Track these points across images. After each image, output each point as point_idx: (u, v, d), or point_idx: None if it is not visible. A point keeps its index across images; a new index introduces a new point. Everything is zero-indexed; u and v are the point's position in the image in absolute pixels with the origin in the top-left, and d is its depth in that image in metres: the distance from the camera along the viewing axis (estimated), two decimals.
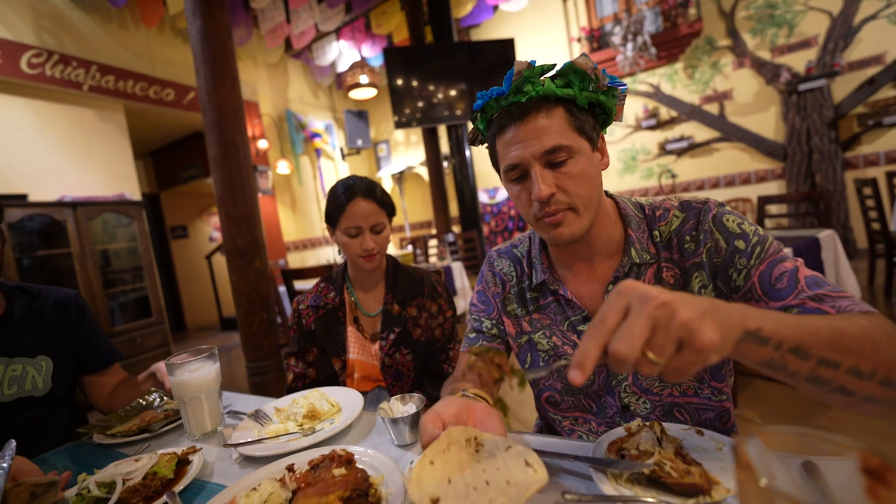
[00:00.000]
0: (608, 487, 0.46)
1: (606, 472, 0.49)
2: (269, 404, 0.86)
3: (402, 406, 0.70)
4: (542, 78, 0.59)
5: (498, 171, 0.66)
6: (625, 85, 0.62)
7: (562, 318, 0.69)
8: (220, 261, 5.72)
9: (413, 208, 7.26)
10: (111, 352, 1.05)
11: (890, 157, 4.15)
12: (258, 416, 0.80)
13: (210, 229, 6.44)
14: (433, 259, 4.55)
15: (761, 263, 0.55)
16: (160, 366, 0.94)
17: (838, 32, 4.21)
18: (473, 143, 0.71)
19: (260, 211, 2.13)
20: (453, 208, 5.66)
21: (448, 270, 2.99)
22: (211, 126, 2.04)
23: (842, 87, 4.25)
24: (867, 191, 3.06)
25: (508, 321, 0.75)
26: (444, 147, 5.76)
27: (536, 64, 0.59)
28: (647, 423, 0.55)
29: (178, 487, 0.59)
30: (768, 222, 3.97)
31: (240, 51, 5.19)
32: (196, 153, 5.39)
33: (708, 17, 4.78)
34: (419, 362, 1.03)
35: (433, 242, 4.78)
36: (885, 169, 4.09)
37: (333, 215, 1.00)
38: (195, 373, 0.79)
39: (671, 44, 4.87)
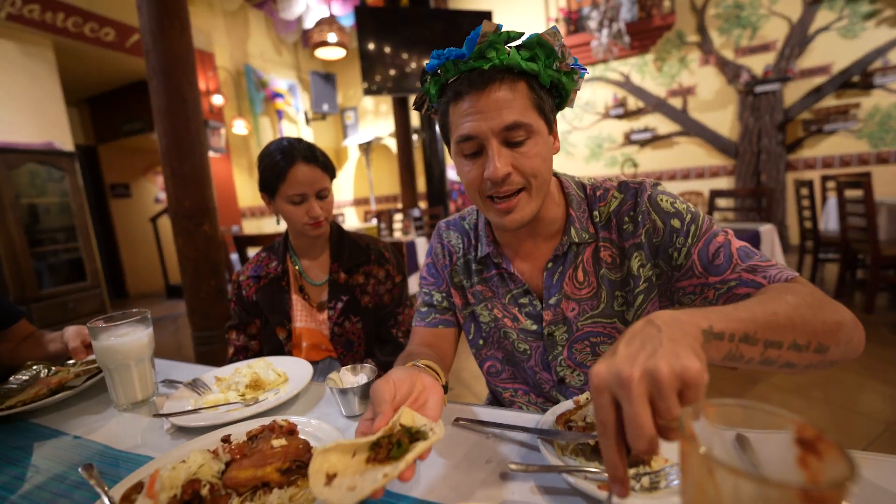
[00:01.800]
0: (554, 458, 0.46)
1: (553, 442, 0.49)
2: (209, 373, 0.80)
3: (353, 377, 0.67)
4: (507, 46, 0.55)
5: (447, 141, 0.62)
6: (585, 69, 0.60)
7: (504, 290, 0.70)
8: (167, 224, 5.34)
9: (379, 181, 7.08)
10: (11, 311, 0.95)
11: (826, 162, 4.50)
12: (196, 385, 0.75)
13: (156, 189, 5.97)
14: (398, 233, 4.48)
15: (698, 241, 0.57)
16: (71, 330, 0.85)
17: (795, 39, 4.44)
18: (419, 108, 0.65)
19: (211, 171, 1.97)
20: (421, 184, 5.57)
21: (411, 245, 2.95)
22: (155, 71, 1.83)
23: (792, 93, 4.52)
24: (804, 191, 3.32)
25: (455, 293, 0.75)
26: (415, 120, 5.60)
27: (504, 29, 0.54)
28: None
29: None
30: (717, 214, 4.22)
31: None
32: (142, 105, 4.90)
33: (680, 11, 4.87)
34: (370, 330, 1.01)
35: (398, 216, 4.69)
36: (821, 173, 4.45)
37: (272, 183, 0.93)
38: (123, 338, 0.72)
39: (644, 34, 4.93)
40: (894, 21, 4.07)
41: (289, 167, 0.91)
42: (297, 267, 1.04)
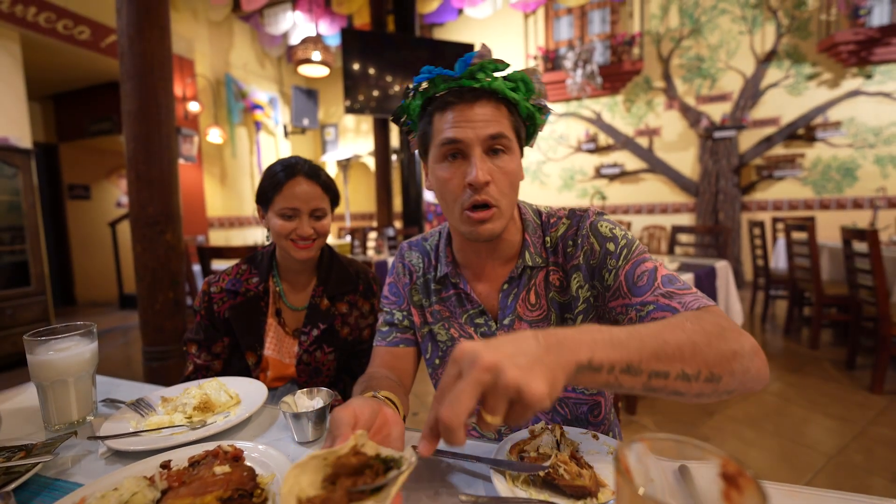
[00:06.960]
0: (504, 489, 0.46)
1: (505, 473, 0.49)
2: (155, 393, 0.76)
3: (309, 401, 0.65)
4: (495, 73, 0.62)
5: (425, 151, 0.66)
6: (550, 111, 0.67)
7: (461, 311, 0.72)
8: (126, 230, 5.08)
9: (356, 198, 7.05)
10: None
11: (776, 205, 4.85)
12: (139, 405, 0.71)
13: (119, 193, 5.70)
14: (370, 252, 4.45)
15: (627, 263, 0.61)
16: None
17: (748, 92, 4.85)
18: (396, 120, 0.70)
19: (178, 178, 1.91)
20: (397, 203, 5.59)
21: (383, 265, 2.93)
22: (129, 75, 1.79)
23: (746, 140, 4.90)
24: (756, 231, 3.55)
25: (415, 311, 0.76)
26: (394, 140, 5.66)
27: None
28: (549, 427, 0.57)
29: (13, 485, 0.50)
30: (677, 249, 4.43)
31: (178, 0, 4.67)
32: (111, 105, 4.74)
33: (648, 59, 5.24)
34: (341, 362, 0.97)
35: (373, 235, 4.67)
36: (772, 214, 4.79)
37: (268, 194, 0.89)
38: (63, 352, 0.68)
39: (615, 77, 5.26)
40: (832, 83, 4.53)
41: (287, 179, 0.88)
42: (278, 288, 0.97)
